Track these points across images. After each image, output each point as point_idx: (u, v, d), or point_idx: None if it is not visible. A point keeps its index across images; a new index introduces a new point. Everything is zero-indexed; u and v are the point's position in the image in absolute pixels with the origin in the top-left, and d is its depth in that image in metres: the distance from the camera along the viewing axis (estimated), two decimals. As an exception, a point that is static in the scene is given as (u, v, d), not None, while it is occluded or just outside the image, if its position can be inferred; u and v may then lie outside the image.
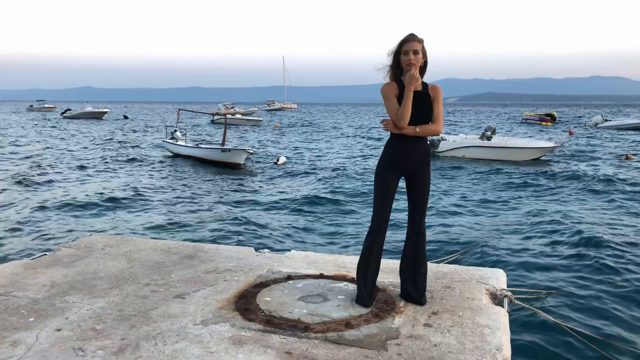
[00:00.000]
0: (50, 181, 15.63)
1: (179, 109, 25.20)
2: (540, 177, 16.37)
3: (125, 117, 69.68)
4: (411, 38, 3.13)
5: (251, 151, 19.54)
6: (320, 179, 16.49)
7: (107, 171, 18.09)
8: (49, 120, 58.44)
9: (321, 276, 3.90)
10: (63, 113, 71.69)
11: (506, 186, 14.96)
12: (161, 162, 20.75)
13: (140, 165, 19.96)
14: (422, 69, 3.23)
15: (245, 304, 3.35)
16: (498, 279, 3.88)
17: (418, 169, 3.27)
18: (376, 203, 3.31)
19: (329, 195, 13.31)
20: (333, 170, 18.51)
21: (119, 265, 4.14)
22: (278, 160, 20.51)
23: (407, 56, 3.14)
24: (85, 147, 26.78)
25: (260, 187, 15.40)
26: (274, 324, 3.06)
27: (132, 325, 3.03)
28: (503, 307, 3.45)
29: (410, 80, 3.15)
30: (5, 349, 2.73)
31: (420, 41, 3.14)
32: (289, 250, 4.71)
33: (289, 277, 3.85)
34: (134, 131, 40.82)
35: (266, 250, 4.75)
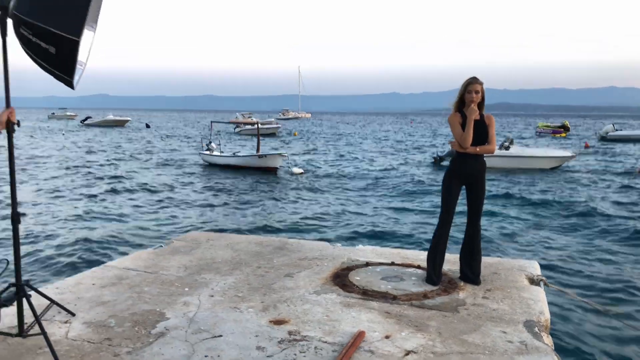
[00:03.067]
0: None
1: (211, 121, 27.31)
2: (561, 186, 17.37)
3: (147, 126, 71.24)
4: (474, 81, 4.15)
5: (285, 155, 20.84)
6: (363, 182, 17.58)
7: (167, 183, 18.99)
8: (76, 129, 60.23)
9: (392, 264, 4.90)
10: (83, 121, 73.33)
11: (529, 195, 15.95)
12: (204, 172, 21.68)
13: (188, 175, 20.81)
14: (481, 104, 4.24)
15: (342, 281, 4.36)
16: (534, 267, 4.85)
17: (476, 179, 4.27)
18: (443, 205, 4.32)
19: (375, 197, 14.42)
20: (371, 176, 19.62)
21: (228, 254, 5.17)
22: (294, 171, 21.31)
23: (470, 94, 4.15)
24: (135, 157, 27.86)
25: (302, 190, 16.72)
26: (369, 294, 4.07)
27: (264, 293, 4.06)
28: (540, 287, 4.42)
29: (471, 113, 4.17)
30: (182, 307, 3.77)
31: (481, 84, 4.16)
32: (358, 245, 5.72)
33: (367, 264, 4.86)
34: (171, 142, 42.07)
35: (338, 244, 5.76)
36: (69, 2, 2.72)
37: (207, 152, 23.31)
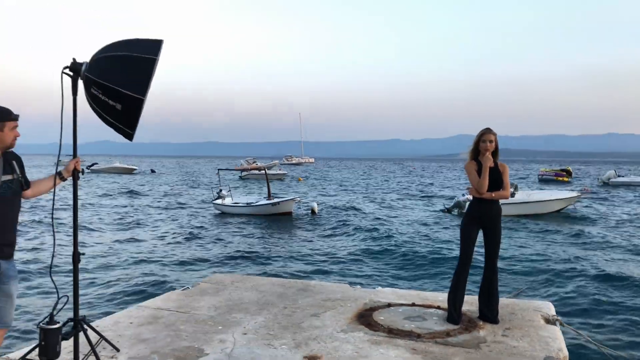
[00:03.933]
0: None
1: (218, 169, 27.93)
2: (569, 231, 17.60)
3: (153, 171, 71.94)
4: (488, 132, 4.50)
5: (298, 199, 21.33)
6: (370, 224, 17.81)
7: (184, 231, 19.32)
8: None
9: (413, 304, 5.11)
10: (90, 166, 73.92)
11: (540, 238, 16.23)
12: (218, 217, 22.01)
13: (203, 222, 20.89)
14: (495, 152, 4.57)
15: (367, 320, 4.57)
16: (549, 308, 5.05)
17: (493, 222, 4.55)
18: (462, 248, 4.58)
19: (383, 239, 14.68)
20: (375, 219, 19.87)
21: (254, 295, 5.39)
22: (312, 210, 21.85)
23: (484, 144, 4.49)
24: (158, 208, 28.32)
25: (318, 232, 17.07)
26: (394, 333, 4.27)
27: (294, 331, 4.27)
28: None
29: (486, 161, 4.49)
30: (218, 344, 3.98)
31: (495, 134, 4.51)
32: (377, 287, 5.93)
33: (389, 305, 5.07)
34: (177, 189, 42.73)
35: (358, 285, 5.97)
36: (136, 66, 3.09)
37: (220, 201, 23.43)
